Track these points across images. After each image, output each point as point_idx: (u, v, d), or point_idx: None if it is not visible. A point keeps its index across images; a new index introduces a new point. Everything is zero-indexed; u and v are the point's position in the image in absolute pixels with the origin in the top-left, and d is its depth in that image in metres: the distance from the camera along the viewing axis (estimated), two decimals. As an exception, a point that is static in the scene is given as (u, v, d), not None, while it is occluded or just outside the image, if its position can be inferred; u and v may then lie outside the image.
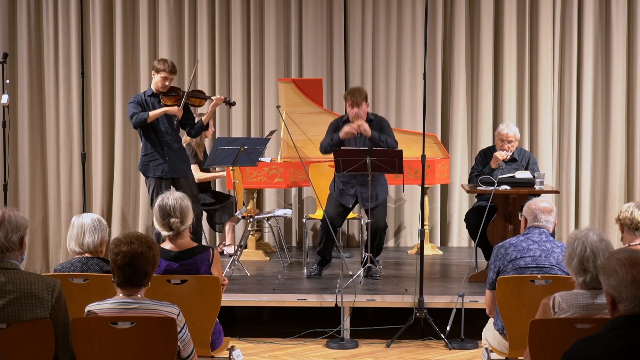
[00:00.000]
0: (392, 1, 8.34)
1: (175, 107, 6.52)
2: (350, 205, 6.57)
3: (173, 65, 6.58)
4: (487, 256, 6.45)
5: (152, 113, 6.47)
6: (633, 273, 2.57)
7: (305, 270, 6.93)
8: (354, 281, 6.24)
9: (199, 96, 6.72)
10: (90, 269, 4.05)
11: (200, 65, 8.26)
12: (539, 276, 4.15)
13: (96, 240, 4.09)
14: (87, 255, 4.11)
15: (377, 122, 6.54)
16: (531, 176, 6.31)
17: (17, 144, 8.37)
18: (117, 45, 8.36)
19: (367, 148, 6.20)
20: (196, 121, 6.80)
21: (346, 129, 6.40)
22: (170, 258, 4.11)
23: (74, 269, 4.05)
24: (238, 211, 6.96)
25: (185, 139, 7.21)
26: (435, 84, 8.30)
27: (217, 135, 8.16)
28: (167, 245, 4.14)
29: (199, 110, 7.53)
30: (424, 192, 6.22)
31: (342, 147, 6.36)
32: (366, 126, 6.39)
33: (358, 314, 6.12)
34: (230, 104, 6.89)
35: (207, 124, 6.82)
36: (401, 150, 6.21)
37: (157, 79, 6.54)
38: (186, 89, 6.69)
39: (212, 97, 6.73)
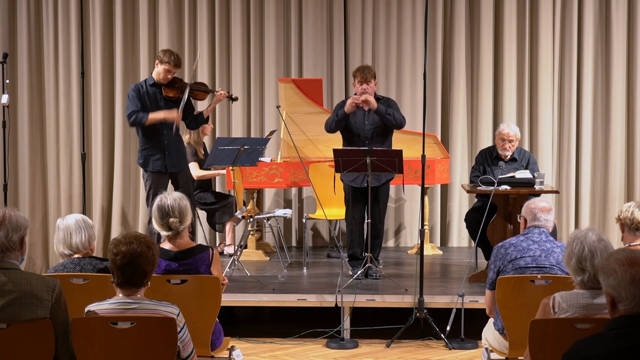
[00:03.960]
0: (392, 1, 8.34)
1: (175, 113, 6.35)
2: (365, 185, 6.47)
3: (178, 58, 6.39)
4: (487, 256, 6.45)
5: (151, 116, 6.31)
6: (632, 273, 2.57)
7: (305, 270, 6.93)
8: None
9: (201, 89, 6.63)
10: (83, 269, 4.03)
11: (200, 66, 8.26)
12: (539, 276, 4.15)
13: (84, 240, 4.07)
14: (77, 255, 4.09)
15: (384, 101, 6.55)
16: (531, 176, 6.31)
17: (17, 144, 8.37)
18: (117, 45, 8.36)
19: (367, 148, 6.21)
20: (196, 113, 6.73)
21: (350, 101, 6.41)
22: (170, 258, 4.11)
23: (66, 270, 4.02)
24: (238, 211, 6.96)
25: (184, 137, 7.20)
26: (435, 84, 8.31)
27: (217, 135, 8.16)
28: (166, 245, 4.14)
29: (200, 104, 7.49)
30: (424, 192, 6.22)
31: (343, 148, 6.36)
32: (371, 98, 6.39)
33: (358, 314, 6.12)
34: (232, 99, 6.83)
35: (207, 117, 6.77)
36: (401, 150, 6.21)
37: (159, 69, 6.36)
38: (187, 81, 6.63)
39: (215, 92, 6.63)
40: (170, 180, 6.58)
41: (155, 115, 6.34)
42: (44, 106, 8.46)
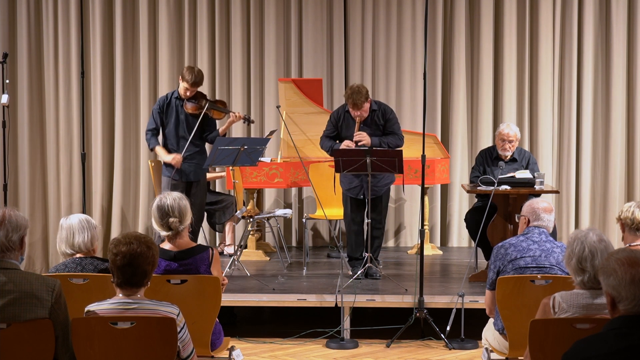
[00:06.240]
0: (392, 1, 8.34)
1: (176, 158, 6.53)
2: (362, 197, 6.55)
3: (198, 77, 6.55)
4: (487, 256, 6.45)
5: (157, 150, 6.64)
6: (632, 272, 2.57)
7: (305, 270, 6.93)
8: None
9: (219, 109, 6.74)
10: (85, 269, 4.04)
11: (201, 65, 8.25)
12: (539, 276, 4.14)
13: (86, 240, 4.08)
14: (79, 255, 4.10)
15: (380, 113, 6.54)
16: (531, 176, 6.31)
17: (17, 144, 8.36)
18: (117, 45, 8.36)
19: (367, 148, 6.21)
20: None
21: (344, 146, 6.42)
22: (170, 258, 4.11)
23: (68, 270, 4.03)
24: (238, 211, 6.96)
25: None
26: (435, 84, 8.31)
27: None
28: (166, 245, 4.14)
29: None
30: (424, 192, 6.22)
31: (343, 149, 6.37)
32: (366, 138, 6.39)
33: (358, 314, 6.12)
34: (249, 121, 6.96)
35: (224, 135, 6.86)
36: (401, 150, 6.21)
37: (180, 85, 6.60)
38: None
39: (232, 113, 6.74)
40: (185, 189, 6.63)
41: (159, 153, 6.67)
42: (44, 106, 8.46)
